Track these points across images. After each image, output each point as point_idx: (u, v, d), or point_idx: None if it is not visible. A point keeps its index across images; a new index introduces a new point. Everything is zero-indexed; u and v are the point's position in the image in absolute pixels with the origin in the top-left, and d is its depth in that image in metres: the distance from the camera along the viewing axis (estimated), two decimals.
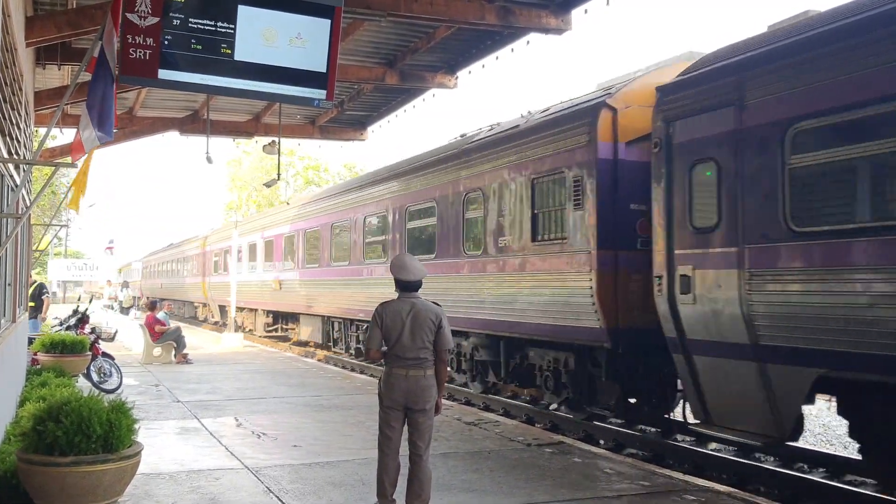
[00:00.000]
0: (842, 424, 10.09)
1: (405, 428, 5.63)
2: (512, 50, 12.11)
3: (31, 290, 14.69)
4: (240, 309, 26.59)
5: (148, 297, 46.79)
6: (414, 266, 5.67)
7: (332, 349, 19.51)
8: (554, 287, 9.78)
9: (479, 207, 11.68)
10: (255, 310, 25.97)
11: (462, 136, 13.51)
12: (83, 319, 13.80)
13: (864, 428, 6.79)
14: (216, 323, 31.91)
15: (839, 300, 6.15)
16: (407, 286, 5.61)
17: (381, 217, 15.37)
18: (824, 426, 11.63)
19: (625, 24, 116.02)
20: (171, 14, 6.21)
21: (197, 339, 23.18)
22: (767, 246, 6.78)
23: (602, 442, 9.80)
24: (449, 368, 8.05)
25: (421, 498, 5.47)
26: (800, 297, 6.52)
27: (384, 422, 5.56)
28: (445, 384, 5.83)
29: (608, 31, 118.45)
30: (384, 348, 5.59)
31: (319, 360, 19.16)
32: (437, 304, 5.66)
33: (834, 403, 7.27)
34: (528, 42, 11.62)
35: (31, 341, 11.69)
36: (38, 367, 10.63)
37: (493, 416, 10.59)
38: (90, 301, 18.58)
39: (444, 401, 5.97)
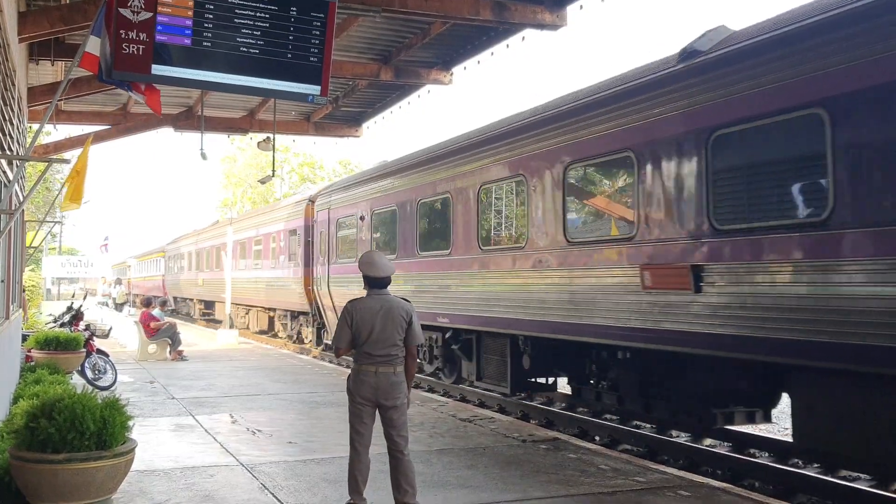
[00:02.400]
0: None
1: (381, 426, 5.60)
2: (507, 46, 12.09)
3: None
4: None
5: (174, 298, 39.25)
6: (383, 263, 5.72)
7: None
8: None
9: None
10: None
11: None
12: (77, 316, 13.76)
13: None
14: (321, 346, 19.68)
15: None
16: (376, 283, 5.62)
17: None
18: None
19: (620, 19, 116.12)
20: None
21: (192, 336, 23.15)
22: None
23: (597, 438, 9.81)
24: None
25: (409, 493, 5.46)
26: None
27: (356, 418, 5.52)
28: (414, 378, 5.84)
29: (604, 26, 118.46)
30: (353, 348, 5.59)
31: (315, 357, 19.13)
32: (407, 301, 5.67)
33: None
34: (523, 38, 11.60)
35: (24, 338, 11.66)
36: (33, 363, 10.61)
37: (488, 413, 10.59)
38: (84, 298, 18.53)
39: (440, 398, 5.97)
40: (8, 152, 7.85)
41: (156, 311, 17.61)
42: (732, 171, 7.25)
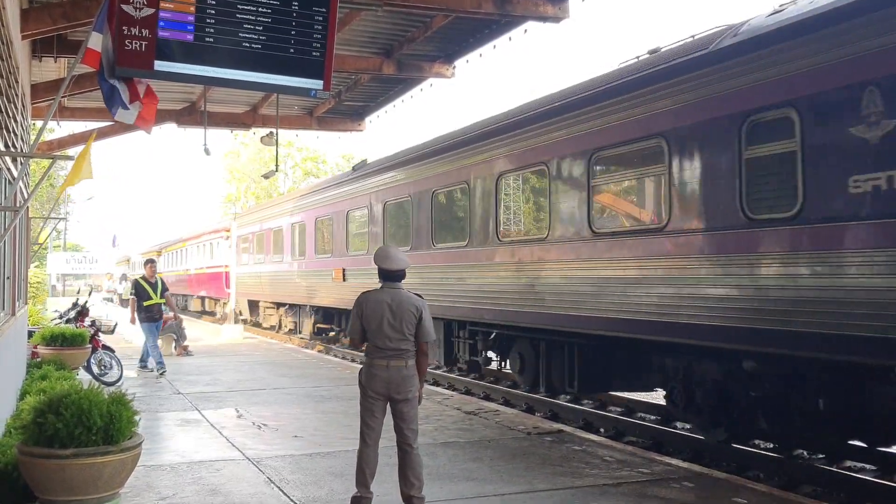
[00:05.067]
0: None
1: (391, 419, 5.63)
2: (510, 39, 12.08)
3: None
4: None
5: (248, 303, 25.91)
6: (397, 256, 5.72)
7: None
8: None
9: None
10: None
11: None
12: (82, 312, 13.82)
13: None
14: None
15: None
16: (390, 276, 5.64)
17: None
18: None
19: (622, 10, 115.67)
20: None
21: (197, 331, 23.21)
22: None
23: (602, 430, 9.82)
24: None
25: (416, 486, 5.50)
26: None
27: (367, 412, 5.56)
28: (426, 375, 5.84)
29: (606, 18, 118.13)
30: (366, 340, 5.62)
31: (319, 351, 19.17)
32: (420, 296, 5.67)
33: None
34: (525, 31, 11.60)
35: (30, 334, 11.71)
36: (39, 360, 10.65)
37: (493, 406, 10.61)
38: (89, 294, 18.60)
39: (445, 391, 5.99)
40: (12, 149, 7.87)
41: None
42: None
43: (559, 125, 9.61)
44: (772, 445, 8.63)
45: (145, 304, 13.73)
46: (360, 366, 5.93)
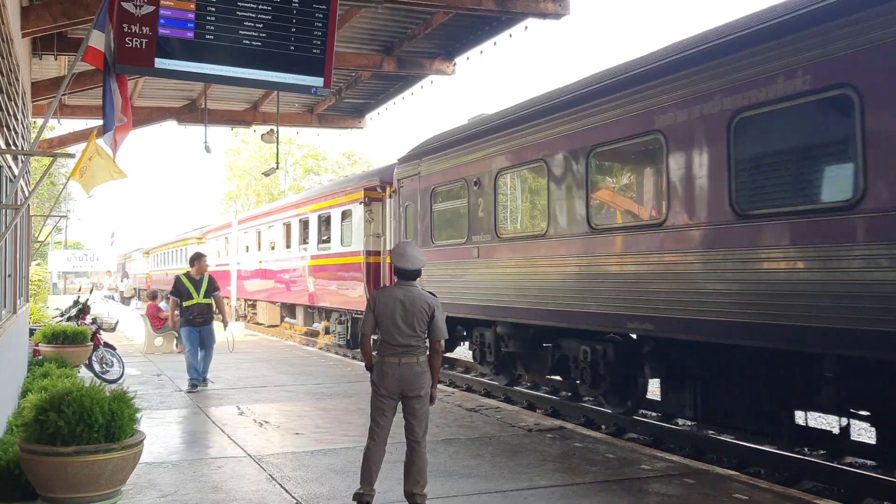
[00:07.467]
0: None
1: (400, 415, 5.65)
2: (510, 35, 12.07)
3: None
4: None
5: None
6: (414, 255, 5.73)
7: None
8: None
9: None
10: None
11: None
12: (84, 310, 13.83)
13: None
14: None
15: None
16: (405, 274, 5.67)
17: None
18: None
19: (623, 6, 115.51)
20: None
21: None
22: None
23: (603, 427, 9.83)
24: None
25: (420, 484, 5.52)
26: None
27: (377, 410, 5.58)
28: (439, 374, 5.85)
29: (607, 14, 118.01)
30: (377, 337, 5.65)
31: (320, 349, 19.19)
32: (433, 294, 5.68)
33: None
34: (525, 27, 11.58)
35: (32, 332, 11.72)
36: (40, 357, 10.66)
37: (494, 403, 10.62)
38: (91, 292, 18.62)
39: (446, 388, 5.99)
40: (13, 147, 7.87)
41: (162, 304, 17.67)
42: None
43: None
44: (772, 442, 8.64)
45: (185, 304, 11.73)
46: (362, 363, 5.94)
